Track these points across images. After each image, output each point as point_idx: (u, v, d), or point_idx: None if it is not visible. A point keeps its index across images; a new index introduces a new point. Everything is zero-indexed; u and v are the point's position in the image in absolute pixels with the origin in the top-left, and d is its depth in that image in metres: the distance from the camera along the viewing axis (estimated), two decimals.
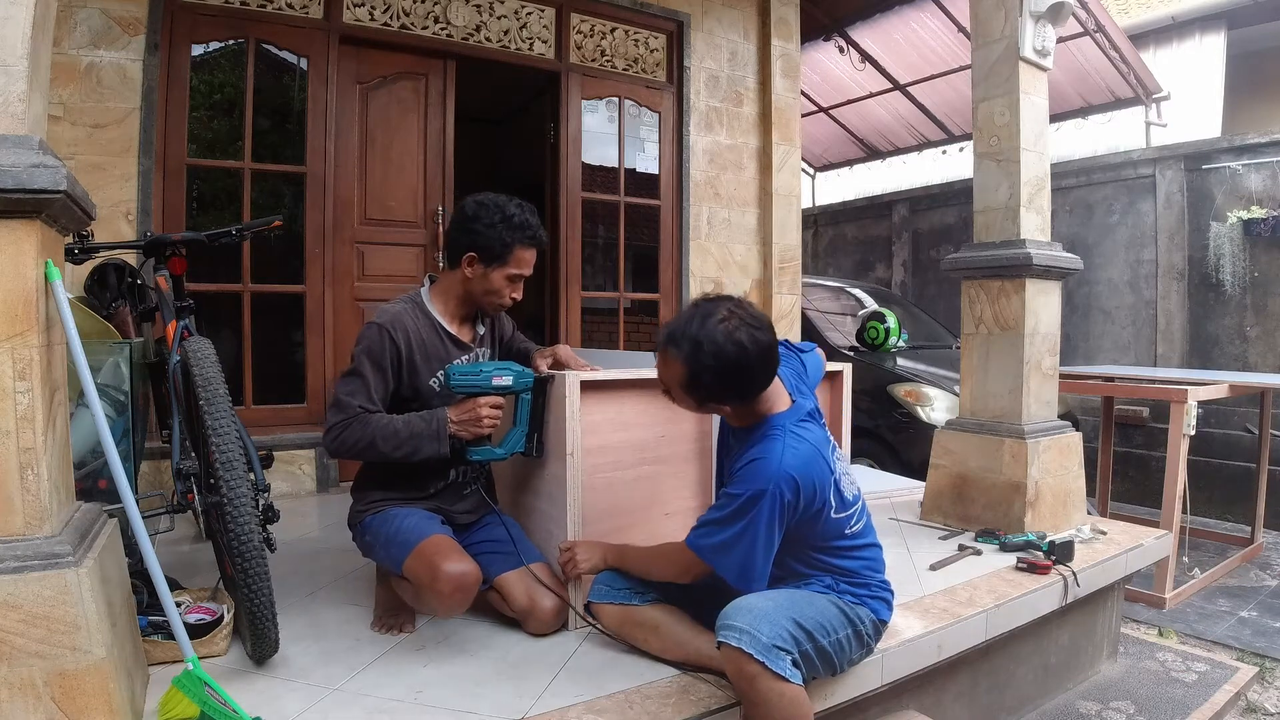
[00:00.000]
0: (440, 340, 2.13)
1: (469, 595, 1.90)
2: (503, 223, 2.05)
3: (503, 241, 2.05)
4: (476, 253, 2.06)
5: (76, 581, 1.35)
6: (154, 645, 1.80)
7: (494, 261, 2.07)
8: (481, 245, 2.06)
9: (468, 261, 2.08)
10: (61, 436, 1.52)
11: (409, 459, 1.99)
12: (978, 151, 3.22)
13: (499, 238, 2.05)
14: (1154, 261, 6.21)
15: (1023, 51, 3.05)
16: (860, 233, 8.83)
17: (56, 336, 1.51)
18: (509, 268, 2.09)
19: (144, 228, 3.32)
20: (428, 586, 1.89)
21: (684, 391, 1.74)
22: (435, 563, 1.88)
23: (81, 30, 3.24)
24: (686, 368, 1.68)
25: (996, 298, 3.11)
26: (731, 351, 1.64)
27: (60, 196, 1.33)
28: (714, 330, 1.65)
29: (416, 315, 2.11)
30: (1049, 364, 3.14)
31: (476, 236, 2.05)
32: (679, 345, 1.68)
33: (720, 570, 1.71)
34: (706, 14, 5.04)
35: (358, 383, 2.00)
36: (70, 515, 1.51)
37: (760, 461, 1.67)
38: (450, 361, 2.12)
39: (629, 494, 2.20)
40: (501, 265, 2.08)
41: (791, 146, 5.29)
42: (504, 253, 2.06)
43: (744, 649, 1.54)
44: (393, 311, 2.08)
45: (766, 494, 1.63)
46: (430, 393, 2.10)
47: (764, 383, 1.73)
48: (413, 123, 4.15)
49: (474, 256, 2.07)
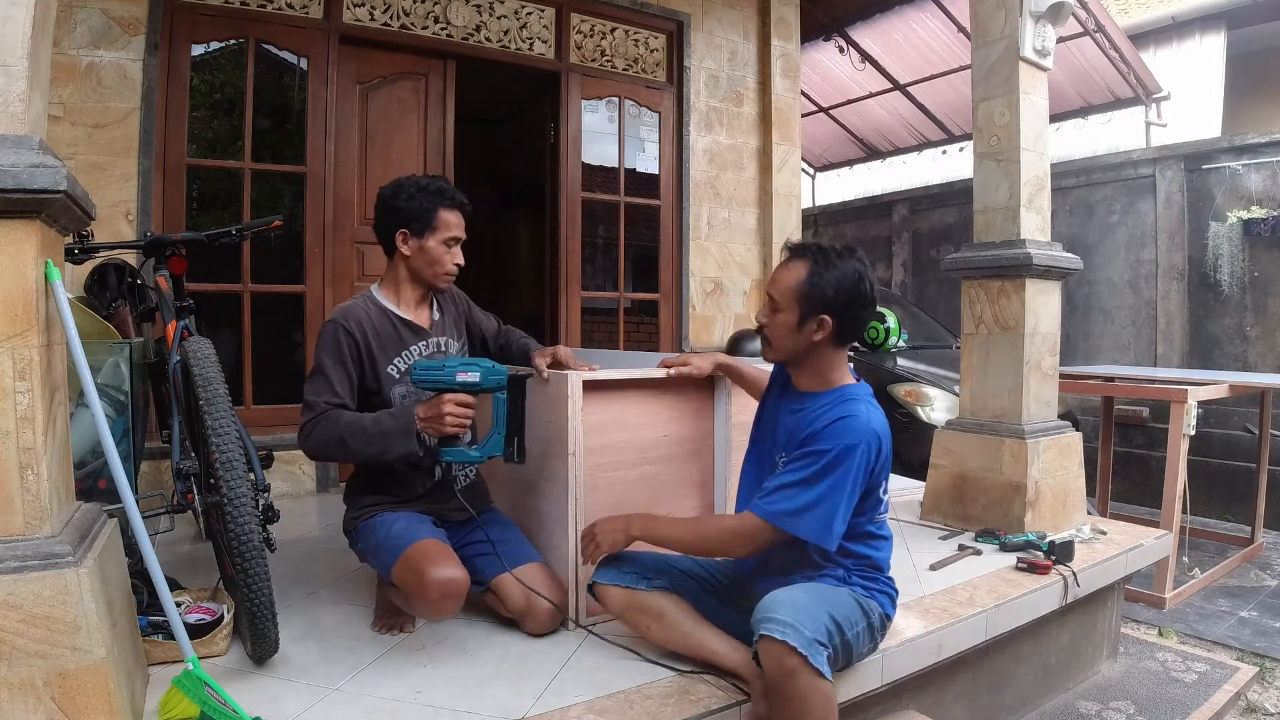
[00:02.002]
0: (393, 327, 2.14)
1: (457, 601, 1.89)
2: (420, 192, 2.12)
3: (425, 209, 2.12)
4: (406, 228, 2.12)
5: (76, 581, 1.35)
6: (154, 645, 1.80)
7: (424, 230, 2.12)
8: (407, 218, 2.12)
9: (401, 239, 2.13)
10: (61, 436, 1.52)
11: (381, 457, 1.98)
12: (978, 151, 3.22)
13: (420, 206, 2.12)
14: (1154, 261, 6.21)
15: (1023, 51, 3.05)
16: (860, 233, 8.83)
17: (56, 336, 1.51)
18: (439, 232, 2.13)
19: (144, 228, 3.33)
20: (415, 594, 1.89)
21: (795, 298, 1.76)
22: (422, 569, 1.87)
23: (81, 30, 3.24)
24: (810, 271, 1.74)
25: (996, 298, 3.11)
26: (853, 275, 1.74)
27: (60, 196, 1.33)
28: (842, 253, 1.77)
29: (368, 306, 2.14)
30: (1049, 364, 3.14)
31: (400, 213, 2.12)
32: (807, 251, 1.77)
33: (802, 532, 1.68)
34: (707, 14, 5.04)
35: (320, 380, 2.02)
36: (70, 515, 1.51)
37: (850, 419, 1.70)
38: (407, 347, 2.14)
39: (631, 494, 2.20)
40: (432, 231, 2.13)
41: (791, 146, 5.29)
42: (429, 218, 2.12)
43: (788, 642, 1.51)
44: (344, 306, 2.13)
45: (859, 448, 1.67)
46: (390, 380, 2.10)
47: (863, 329, 1.84)
48: (412, 122, 4.15)
49: (405, 232, 2.13)
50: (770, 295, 1.81)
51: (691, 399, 2.33)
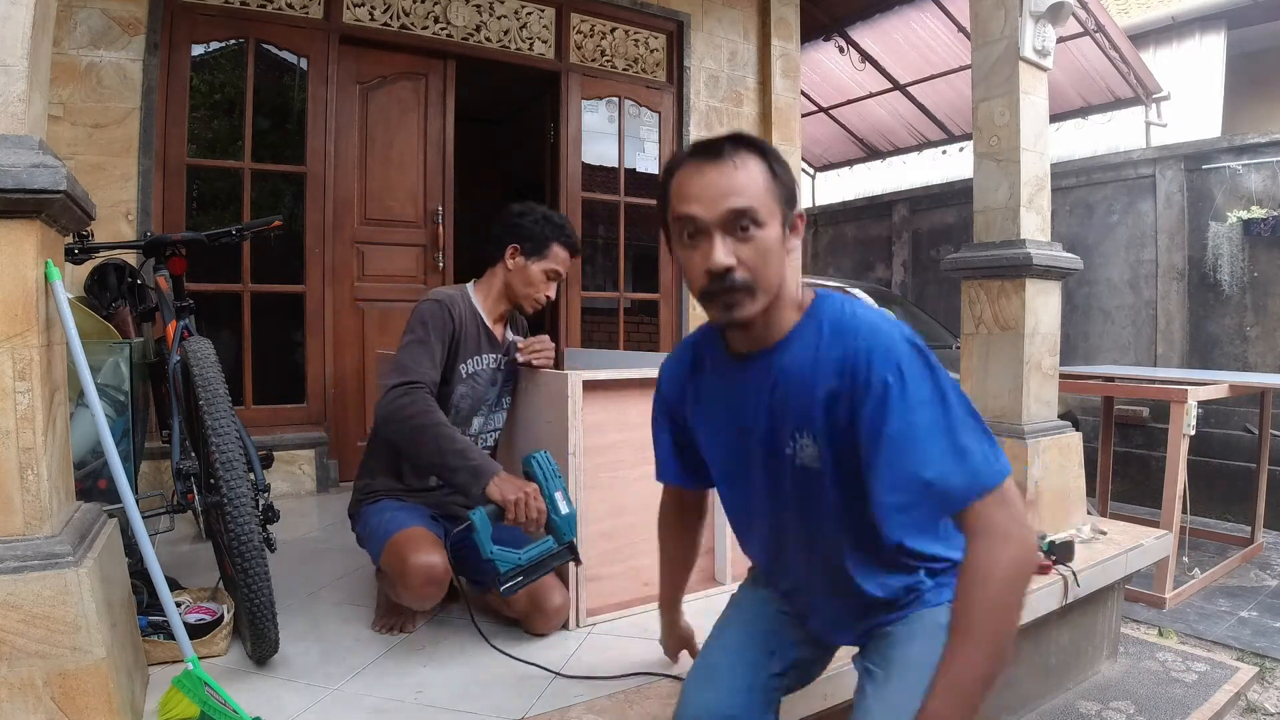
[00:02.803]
0: (479, 331, 2.22)
1: (439, 587, 1.90)
2: (544, 220, 2.23)
3: (544, 236, 2.21)
4: (519, 244, 2.21)
5: (76, 581, 1.35)
6: (154, 645, 1.79)
7: (535, 254, 2.21)
8: (524, 237, 2.21)
9: (511, 252, 2.22)
10: (61, 436, 1.52)
11: (439, 472, 1.97)
12: (978, 151, 3.22)
13: (541, 232, 2.21)
14: (1154, 261, 6.21)
15: (1023, 51, 3.05)
16: (860, 233, 8.83)
17: (56, 336, 1.51)
18: (547, 261, 2.22)
19: (144, 228, 3.32)
20: (398, 578, 1.91)
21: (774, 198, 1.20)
22: (404, 554, 1.89)
23: (81, 30, 3.24)
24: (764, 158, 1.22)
25: (996, 298, 3.11)
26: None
27: (60, 196, 1.33)
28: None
29: (465, 302, 2.21)
30: (1049, 364, 3.14)
31: (521, 230, 2.21)
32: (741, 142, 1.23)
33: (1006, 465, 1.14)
34: (706, 14, 5.04)
35: (422, 351, 2.04)
36: (70, 515, 1.51)
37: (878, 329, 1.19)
38: (480, 354, 2.21)
39: (631, 493, 2.20)
40: (541, 258, 2.21)
41: (792, 147, 5.28)
42: (544, 246, 2.21)
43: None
44: (446, 292, 2.19)
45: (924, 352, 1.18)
46: (459, 377, 2.16)
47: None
48: (412, 122, 4.14)
49: (517, 248, 2.21)
50: (734, 211, 1.17)
51: None
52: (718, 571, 2.39)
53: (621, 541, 2.19)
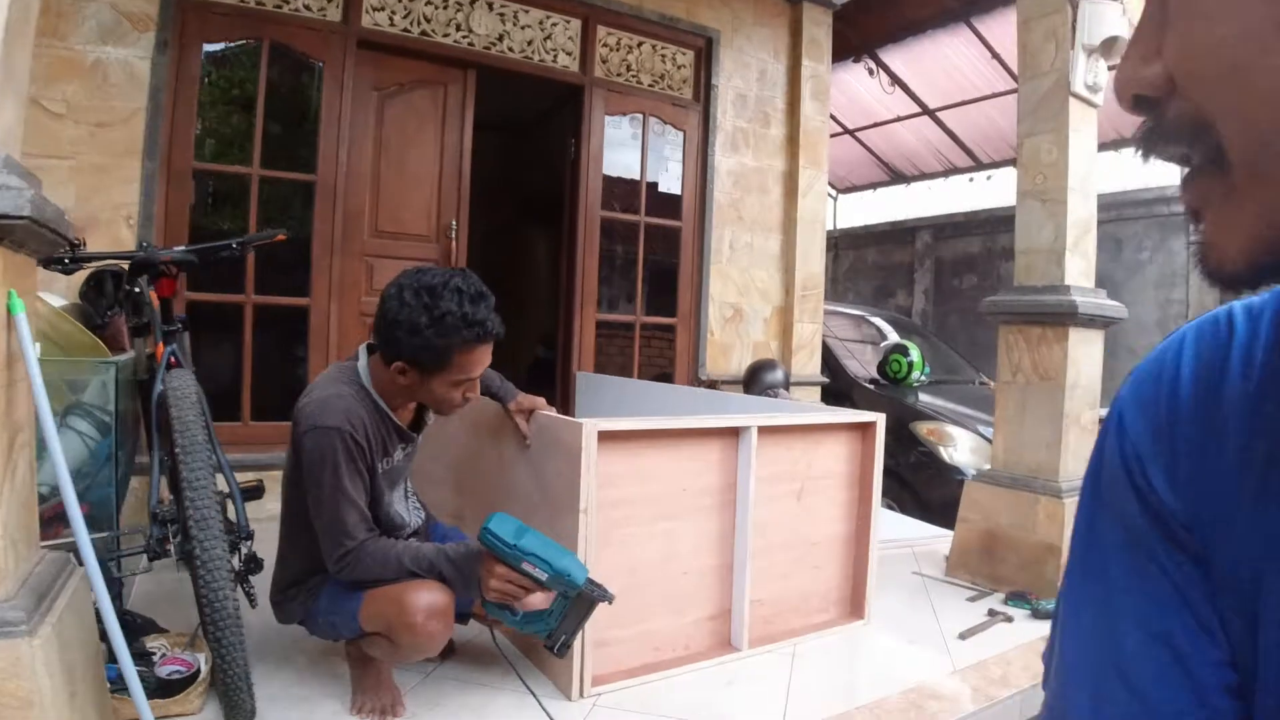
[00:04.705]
0: (388, 433, 1.81)
1: (447, 623, 1.67)
2: (432, 326, 1.64)
3: (435, 349, 1.66)
4: (405, 363, 1.70)
5: (30, 653, 1.21)
6: (122, 702, 1.64)
7: (432, 370, 1.70)
8: (408, 356, 1.68)
9: (398, 370, 1.72)
10: (23, 483, 1.37)
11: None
12: (1021, 189, 3.06)
13: (429, 345, 1.66)
14: (1184, 301, 6.03)
15: (1074, 87, 2.90)
16: (881, 257, 8.67)
17: (19, 374, 1.36)
18: (451, 374, 1.71)
19: (145, 233, 3.18)
20: (396, 621, 1.64)
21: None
22: (400, 594, 1.64)
23: (90, 25, 3.11)
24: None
25: (1036, 345, 2.94)
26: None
27: (24, 222, 1.18)
28: None
29: (364, 403, 1.76)
30: (1089, 418, 2.97)
31: (402, 346, 1.67)
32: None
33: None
34: (737, 31, 4.89)
35: (347, 506, 1.67)
36: (30, 570, 1.36)
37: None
38: (390, 454, 1.82)
39: (645, 551, 2.04)
40: (442, 372, 1.71)
41: (818, 171, 5.13)
42: (441, 359, 1.68)
43: None
44: (344, 408, 1.70)
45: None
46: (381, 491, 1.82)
47: None
48: (430, 133, 4.00)
49: (403, 366, 1.71)
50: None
51: (713, 449, 2.16)
52: (734, 636, 2.21)
53: (633, 603, 2.01)
